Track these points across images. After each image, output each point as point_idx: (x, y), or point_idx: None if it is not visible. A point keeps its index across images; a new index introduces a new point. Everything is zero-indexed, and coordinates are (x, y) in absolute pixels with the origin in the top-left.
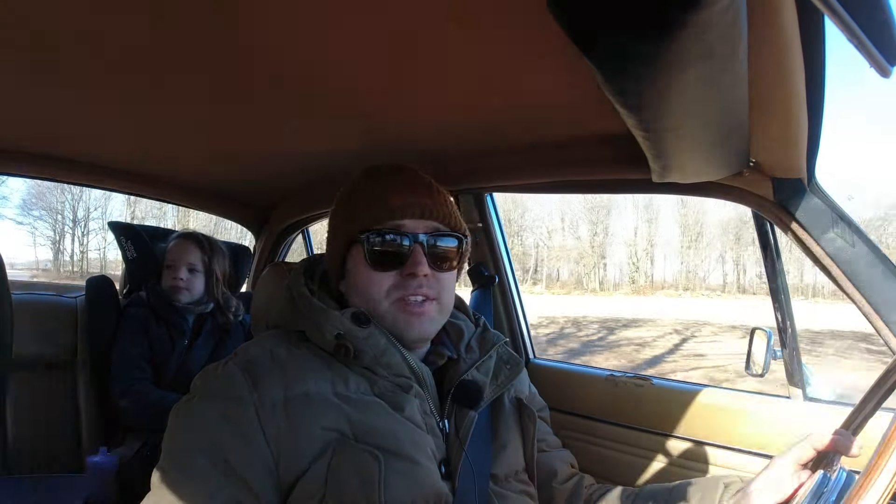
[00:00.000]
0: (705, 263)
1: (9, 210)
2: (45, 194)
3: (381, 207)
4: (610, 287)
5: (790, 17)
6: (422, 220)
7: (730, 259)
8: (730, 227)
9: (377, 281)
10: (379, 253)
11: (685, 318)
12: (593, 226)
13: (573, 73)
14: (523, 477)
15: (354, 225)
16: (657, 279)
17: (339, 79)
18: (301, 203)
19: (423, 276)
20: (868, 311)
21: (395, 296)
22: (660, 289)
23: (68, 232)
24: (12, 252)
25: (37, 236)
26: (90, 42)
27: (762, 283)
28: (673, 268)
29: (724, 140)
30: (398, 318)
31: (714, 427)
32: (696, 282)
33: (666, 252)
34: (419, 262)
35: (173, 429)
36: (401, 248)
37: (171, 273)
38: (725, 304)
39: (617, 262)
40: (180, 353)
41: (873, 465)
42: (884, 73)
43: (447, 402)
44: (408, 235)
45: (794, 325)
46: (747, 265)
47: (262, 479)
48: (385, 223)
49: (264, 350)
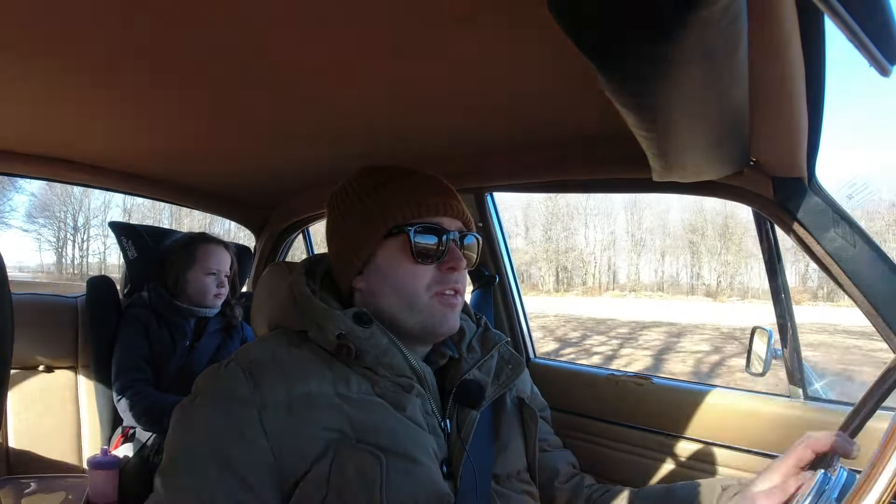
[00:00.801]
0: (649, 267)
1: (16, 219)
2: (48, 204)
3: (423, 203)
4: (562, 289)
5: (790, 16)
6: (454, 219)
7: (671, 262)
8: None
9: (419, 274)
10: (423, 246)
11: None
12: (545, 231)
13: (573, 72)
14: (525, 477)
15: (395, 218)
16: (604, 281)
17: (340, 79)
18: (301, 203)
19: (461, 270)
20: (868, 310)
21: (434, 289)
22: (607, 290)
23: (70, 238)
24: (20, 256)
25: (41, 242)
26: (90, 42)
27: (698, 283)
28: (623, 271)
29: (724, 139)
30: (437, 310)
31: (714, 426)
32: (640, 284)
33: (614, 257)
34: (459, 258)
35: (176, 429)
36: (442, 243)
37: (214, 280)
38: (663, 302)
39: (570, 266)
40: (182, 354)
41: (874, 465)
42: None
43: (449, 401)
44: (448, 231)
45: (794, 323)
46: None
47: (264, 479)
48: (426, 218)
49: (266, 351)
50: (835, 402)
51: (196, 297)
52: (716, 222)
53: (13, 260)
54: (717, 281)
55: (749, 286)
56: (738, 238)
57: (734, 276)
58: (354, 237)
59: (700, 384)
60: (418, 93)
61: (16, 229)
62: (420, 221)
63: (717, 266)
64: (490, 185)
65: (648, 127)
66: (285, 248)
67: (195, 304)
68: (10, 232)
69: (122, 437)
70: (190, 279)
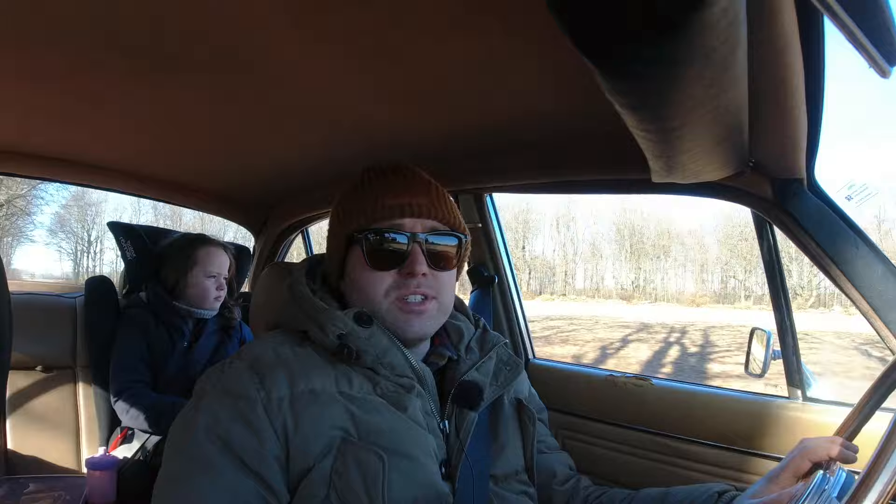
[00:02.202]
0: (579, 274)
1: (40, 235)
2: (66, 221)
3: (379, 206)
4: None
5: (790, 17)
6: (420, 219)
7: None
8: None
9: (376, 280)
10: (377, 252)
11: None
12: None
13: (572, 72)
14: (523, 477)
15: (352, 224)
16: (533, 288)
17: (340, 81)
18: (301, 203)
19: (421, 275)
20: (867, 310)
21: (394, 295)
22: (538, 295)
23: (84, 251)
24: (48, 266)
25: (62, 254)
26: (91, 43)
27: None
28: (558, 278)
29: (723, 140)
30: (398, 317)
31: (714, 427)
32: (569, 289)
33: (553, 265)
34: (418, 262)
35: (182, 429)
36: (399, 246)
37: (214, 282)
38: (585, 305)
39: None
40: (180, 355)
41: (873, 466)
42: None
43: (447, 402)
44: (406, 234)
45: (793, 325)
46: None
47: (276, 473)
48: (383, 222)
49: (269, 349)
50: (833, 403)
51: (195, 299)
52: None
53: (42, 269)
54: (632, 285)
55: (656, 290)
56: (649, 247)
57: (647, 280)
58: (330, 242)
59: (700, 385)
60: (418, 94)
61: (39, 244)
62: (374, 227)
63: (630, 271)
64: (490, 185)
65: (648, 128)
66: (284, 248)
67: (194, 306)
68: (35, 246)
69: (121, 438)
70: (190, 281)
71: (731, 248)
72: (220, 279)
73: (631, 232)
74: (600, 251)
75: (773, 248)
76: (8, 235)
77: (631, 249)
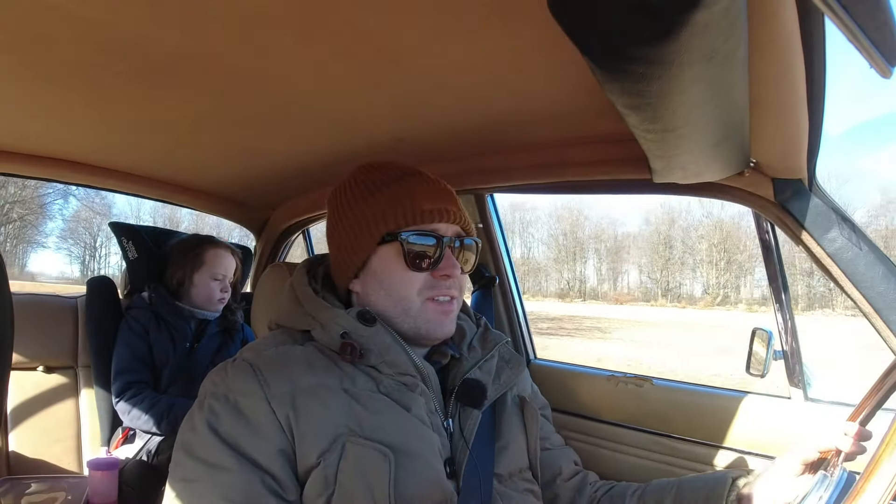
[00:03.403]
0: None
1: (52, 242)
2: (75, 230)
3: (417, 209)
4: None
5: (791, 17)
6: (450, 224)
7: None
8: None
9: (412, 280)
10: (417, 253)
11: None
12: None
13: (573, 73)
14: (527, 475)
15: (390, 224)
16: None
17: (340, 81)
18: (302, 204)
19: (455, 277)
20: (868, 311)
21: (426, 295)
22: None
23: (90, 255)
24: (62, 268)
25: (71, 258)
26: (91, 43)
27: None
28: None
29: (724, 140)
30: (430, 316)
31: (714, 427)
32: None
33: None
34: (454, 265)
35: (190, 431)
36: (436, 250)
37: (219, 285)
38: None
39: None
40: (182, 356)
41: (873, 466)
42: (884, 74)
43: (451, 401)
44: (443, 238)
45: (794, 325)
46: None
47: (284, 466)
48: (423, 225)
49: (271, 347)
50: (834, 404)
51: (200, 300)
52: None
53: (56, 271)
54: (567, 286)
55: (588, 291)
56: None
57: (583, 282)
58: (350, 241)
59: (700, 385)
60: (419, 95)
61: (50, 249)
62: (414, 229)
63: (567, 274)
64: (490, 185)
65: (649, 128)
66: (285, 248)
67: (198, 307)
68: (47, 251)
69: (123, 438)
70: (196, 282)
71: (654, 251)
72: (226, 282)
73: (566, 237)
74: (537, 259)
75: (775, 249)
76: (23, 243)
77: (566, 253)
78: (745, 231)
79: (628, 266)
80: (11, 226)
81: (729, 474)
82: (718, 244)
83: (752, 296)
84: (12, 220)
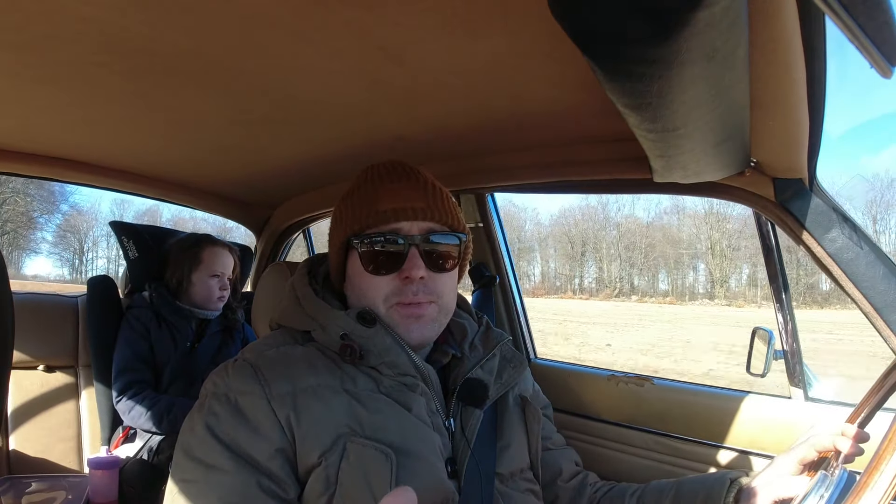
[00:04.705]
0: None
1: (45, 248)
2: (65, 236)
3: (373, 211)
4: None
5: (791, 16)
6: (416, 221)
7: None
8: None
9: (375, 286)
10: (373, 257)
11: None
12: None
13: (574, 72)
14: (528, 475)
15: (348, 229)
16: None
17: (341, 81)
18: (302, 203)
19: (419, 278)
20: (869, 310)
21: (393, 300)
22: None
23: (78, 258)
24: (47, 270)
25: (62, 262)
26: (91, 43)
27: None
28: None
29: (725, 140)
30: (398, 323)
31: (714, 427)
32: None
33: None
34: (415, 266)
35: (190, 431)
36: (396, 249)
37: (218, 282)
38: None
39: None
40: (182, 355)
41: (873, 466)
42: (885, 74)
43: (452, 400)
44: (401, 238)
45: (795, 325)
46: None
47: (284, 467)
48: (379, 227)
49: (272, 347)
50: (835, 404)
51: (199, 298)
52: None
53: (54, 273)
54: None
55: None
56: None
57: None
58: (330, 246)
59: (701, 385)
60: (419, 95)
61: (43, 254)
62: (369, 232)
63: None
64: (490, 185)
65: (649, 128)
66: (286, 248)
67: (197, 306)
68: (40, 257)
69: (123, 437)
70: (194, 281)
71: (565, 253)
72: (224, 279)
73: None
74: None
75: (775, 249)
76: (17, 249)
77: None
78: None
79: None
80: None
81: (727, 475)
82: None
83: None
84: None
